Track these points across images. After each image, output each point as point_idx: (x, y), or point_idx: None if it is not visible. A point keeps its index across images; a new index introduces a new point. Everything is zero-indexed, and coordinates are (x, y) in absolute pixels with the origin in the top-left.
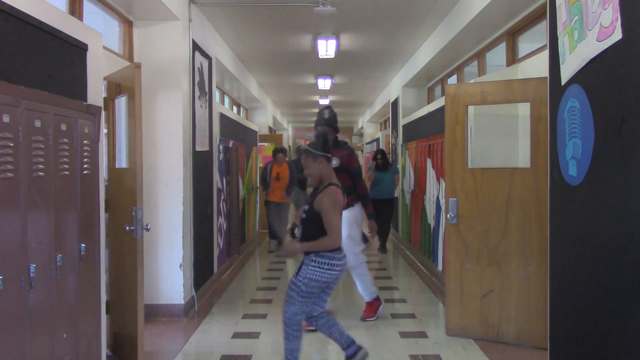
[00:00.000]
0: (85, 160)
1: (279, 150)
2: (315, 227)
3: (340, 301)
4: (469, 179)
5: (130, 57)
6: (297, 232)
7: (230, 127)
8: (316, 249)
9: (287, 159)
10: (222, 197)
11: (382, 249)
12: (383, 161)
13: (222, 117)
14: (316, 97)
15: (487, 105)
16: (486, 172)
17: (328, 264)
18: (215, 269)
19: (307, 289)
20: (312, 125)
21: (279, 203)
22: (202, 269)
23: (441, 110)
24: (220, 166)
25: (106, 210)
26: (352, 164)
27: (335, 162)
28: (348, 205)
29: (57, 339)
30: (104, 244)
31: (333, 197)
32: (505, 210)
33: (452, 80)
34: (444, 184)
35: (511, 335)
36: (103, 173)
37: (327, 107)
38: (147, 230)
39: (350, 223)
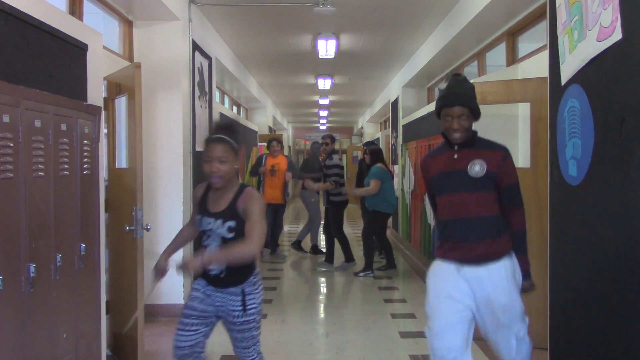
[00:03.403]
0: (85, 160)
1: (273, 139)
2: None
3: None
4: None
5: (130, 57)
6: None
7: None
8: (233, 259)
9: (282, 150)
10: None
11: (390, 264)
12: (371, 158)
13: (222, 117)
14: (316, 97)
15: (487, 105)
16: None
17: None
18: None
19: (260, 317)
20: (312, 125)
21: (275, 205)
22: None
23: None
24: None
25: (106, 210)
26: (512, 174)
27: (479, 168)
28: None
29: (57, 339)
30: (104, 244)
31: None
32: None
33: None
34: None
35: None
36: (103, 173)
37: None
38: (147, 230)
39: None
